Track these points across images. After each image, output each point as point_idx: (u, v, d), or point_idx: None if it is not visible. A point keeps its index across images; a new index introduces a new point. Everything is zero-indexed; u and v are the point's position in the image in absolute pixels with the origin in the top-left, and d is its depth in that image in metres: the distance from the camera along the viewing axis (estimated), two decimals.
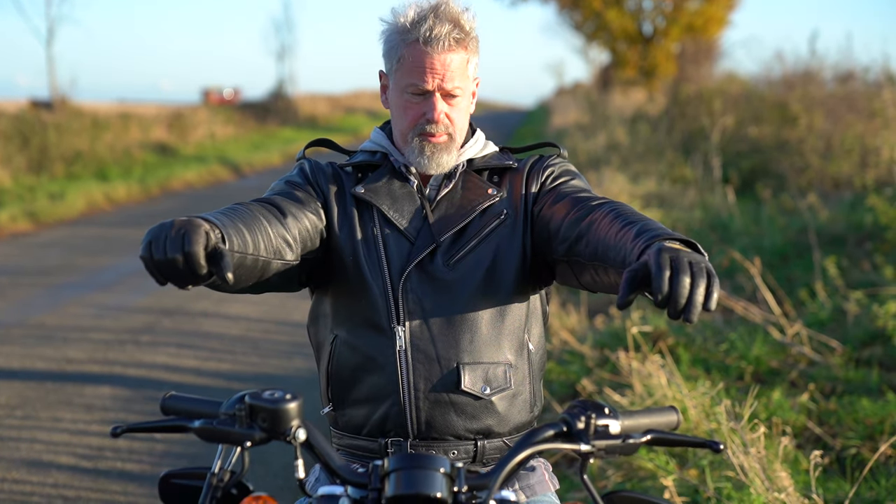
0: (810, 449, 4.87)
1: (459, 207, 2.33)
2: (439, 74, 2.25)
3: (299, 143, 31.40)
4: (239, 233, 2.00)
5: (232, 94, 52.09)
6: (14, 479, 5.07)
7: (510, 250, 2.30)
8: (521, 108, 72.95)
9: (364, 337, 2.27)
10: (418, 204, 2.34)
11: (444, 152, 2.32)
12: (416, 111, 2.29)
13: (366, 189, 2.34)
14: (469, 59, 2.29)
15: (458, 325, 2.26)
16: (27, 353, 7.42)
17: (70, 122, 21.99)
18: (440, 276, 2.27)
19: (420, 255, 2.26)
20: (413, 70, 2.25)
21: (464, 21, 2.27)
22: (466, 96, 2.33)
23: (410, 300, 2.25)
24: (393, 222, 2.30)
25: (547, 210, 2.28)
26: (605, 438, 1.68)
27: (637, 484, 4.58)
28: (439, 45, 2.23)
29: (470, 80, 2.33)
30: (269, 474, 4.95)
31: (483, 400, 2.25)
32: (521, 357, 2.31)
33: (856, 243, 9.48)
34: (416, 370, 2.24)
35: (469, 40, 2.27)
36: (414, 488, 1.62)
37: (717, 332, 6.72)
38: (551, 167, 2.40)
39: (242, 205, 2.15)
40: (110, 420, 5.89)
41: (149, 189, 19.49)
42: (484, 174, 2.40)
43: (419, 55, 2.24)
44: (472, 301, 2.27)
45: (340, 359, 2.30)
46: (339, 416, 2.33)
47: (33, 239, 13.65)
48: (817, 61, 17.31)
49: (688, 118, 19.10)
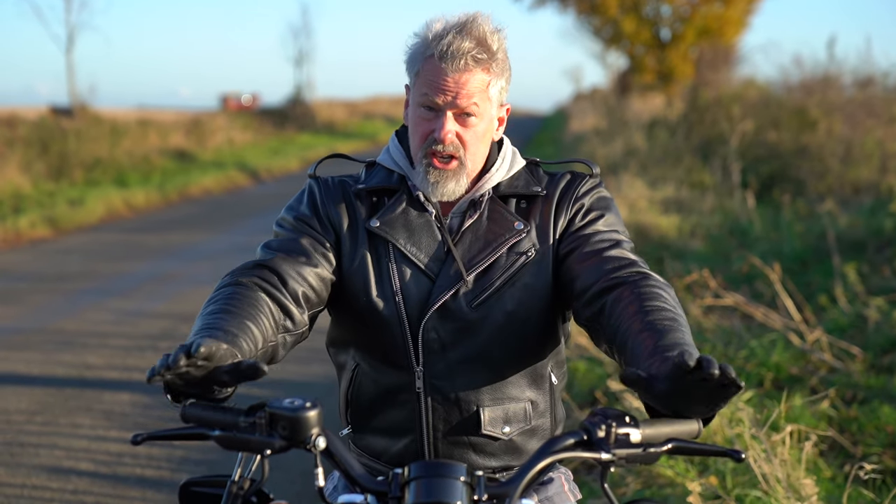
0: (831, 457, 4.84)
1: (485, 242, 2.18)
2: (452, 92, 2.11)
3: (317, 149, 31.50)
4: (247, 335, 1.93)
5: (250, 99, 52.29)
6: (34, 485, 5.09)
7: (536, 290, 2.18)
8: (538, 113, 72.89)
9: (384, 372, 2.21)
10: (438, 237, 2.20)
11: (452, 180, 2.17)
12: (427, 127, 2.16)
13: (381, 222, 2.19)
14: (491, 81, 2.14)
15: (479, 366, 2.18)
16: (47, 359, 7.45)
17: (89, 129, 22.17)
18: (462, 317, 2.16)
19: (442, 296, 2.15)
20: (426, 84, 2.12)
21: (490, 41, 2.12)
22: (485, 120, 2.17)
23: (430, 341, 2.16)
24: (410, 258, 2.18)
25: (575, 265, 2.15)
26: (625, 447, 1.67)
27: (657, 491, 4.56)
28: (455, 63, 2.09)
29: (492, 104, 2.18)
30: (287, 480, 4.95)
31: (503, 439, 2.21)
32: (542, 392, 2.26)
33: (876, 249, 9.42)
34: (434, 411, 2.19)
35: (493, 62, 2.13)
36: (434, 497, 1.61)
37: (737, 339, 6.69)
38: (581, 200, 2.23)
39: (239, 287, 2.05)
40: (129, 426, 5.90)
41: (168, 195, 19.57)
42: (511, 202, 2.24)
43: (434, 70, 2.11)
44: (495, 341, 2.17)
45: (361, 388, 2.25)
46: (357, 438, 2.30)
47: (53, 245, 13.72)
48: (836, 66, 17.28)
49: (706, 123, 19.05)
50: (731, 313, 7.67)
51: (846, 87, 17.18)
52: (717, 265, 9.24)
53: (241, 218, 16.27)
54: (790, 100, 17.39)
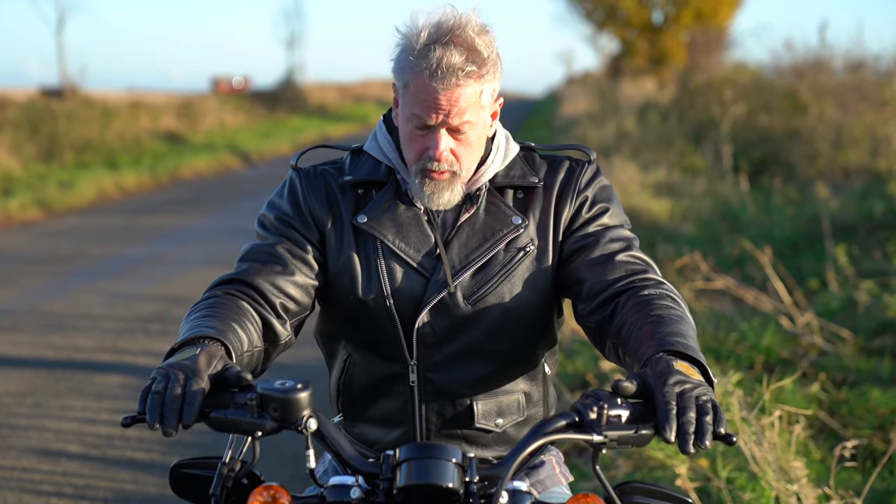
0: (821, 439, 4.85)
1: (482, 238, 2.14)
2: (444, 110, 2.03)
3: (309, 132, 31.43)
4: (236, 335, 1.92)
5: (241, 82, 52.11)
6: (24, 467, 5.08)
7: (535, 285, 2.16)
8: (530, 97, 72.74)
9: (377, 364, 2.19)
10: (428, 232, 2.15)
11: (447, 190, 2.11)
12: (420, 145, 2.09)
13: (368, 218, 2.14)
14: (483, 89, 2.06)
15: (474, 360, 2.16)
16: (37, 341, 7.43)
17: (80, 111, 22.08)
18: (458, 312, 2.13)
19: (436, 296, 2.11)
20: (417, 102, 2.04)
21: (479, 46, 2.03)
22: (479, 128, 2.11)
23: (424, 335, 2.14)
24: (400, 255, 2.13)
25: (583, 267, 2.13)
26: (617, 429, 1.66)
27: (647, 474, 4.57)
28: (446, 82, 2.00)
29: (485, 110, 2.11)
30: (280, 463, 4.95)
31: (496, 432, 2.21)
32: (535, 382, 2.25)
33: (867, 232, 9.44)
34: (428, 403, 2.18)
35: (485, 69, 2.04)
36: (425, 478, 1.61)
37: (727, 322, 6.70)
38: (584, 193, 2.19)
39: (222, 297, 2.02)
40: (120, 409, 5.89)
41: (158, 177, 19.52)
42: (507, 193, 2.19)
43: (424, 88, 2.02)
44: (491, 336, 2.15)
45: (354, 378, 2.23)
46: (349, 426, 2.28)
47: (43, 227, 13.68)
48: (828, 50, 17.26)
49: (698, 107, 19.04)
50: (721, 296, 7.68)
51: (837, 71, 17.16)
52: (709, 249, 9.26)
53: (233, 200, 16.24)
54: (782, 83, 17.37)
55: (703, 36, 29.68)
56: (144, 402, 1.66)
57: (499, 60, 2.10)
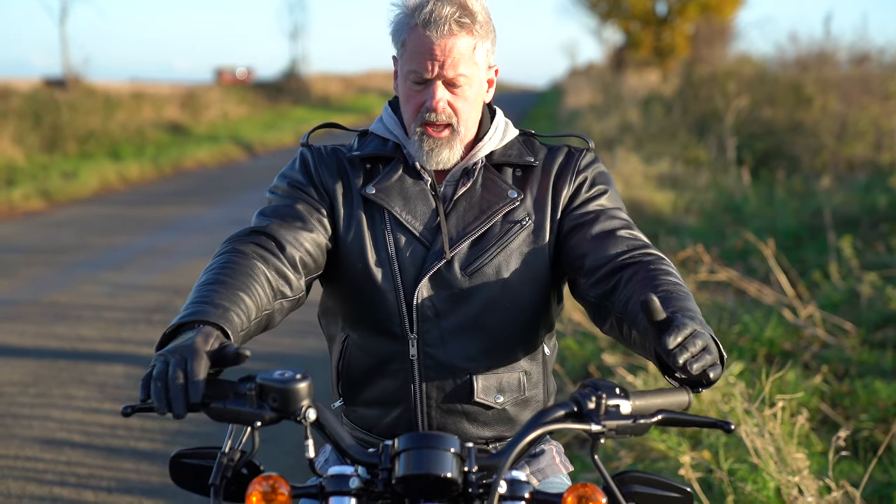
0: (823, 431, 4.86)
1: (479, 210, 2.18)
2: (439, 60, 2.10)
3: (312, 123, 31.37)
4: (239, 307, 1.91)
5: (245, 73, 52.05)
6: (27, 456, 5.09)
7: (531, 259, 2.18)
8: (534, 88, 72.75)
9: (376, 342, 2.20)
10: (433, 205, 2.20)
11: (446, 147, 2.17)
12: (418, 100, 2.15)
13: (377, 189, 2.19)
14: (476, 44, 2.13)
15: (473, 334, 2.17)
16: (40, 331, 7.44)
17: (83, 101, 22.06)
18: (456, 284, 2.16)
19: (435, 264, 2.15)
20: (414, 56, 2.12)
21: (472, 5, 2.12)
22: (475, 85, 2.17)
23: (424, 308, 2.16)
24: (406, 226, 2.18)
25: (585, 242, 2.15)
26: (615, 418, 1.67)
27: (649, 465, 4.58)
28: (440, 29, 2.08)
29: (480, 68, 2.17)
30: (281, 453, 4.96)
31: (496, 409, 2.21)
32: (535, 362, 2.26)
33: (870, 225, 9.43)
34: (428, 378, 2.18)
35: (476, 25, 2.12)
36: (424, 468, 1.62)
37: (730, 314, 6.70)
38: (583, 173, 2.24)
39: (235, 255, 2.03)
40: (123, 399, 5.90)
41: (162, 168, 19.52)
42: (505, 171, 2.24)
43: (420, 39, 2.10)
44: (489, 310, 2.17)
45: (352, 359, 2.24)
46: (349, 411, 2.29)
47: (46, 217, 13.69)
48: (832, 43, 17.31)
49: (701, 100, 19.02)
50: (724, 289, 7.68)
51: (842, 64, 17.17)
52: (712, 241, 9.25)
53: (236, 191, 16.24)
54: (786, 76, 17.36)
55: (707, 28, 29.65)
56: (147, 390, 1.67)
57: (491, 25, 2.18)
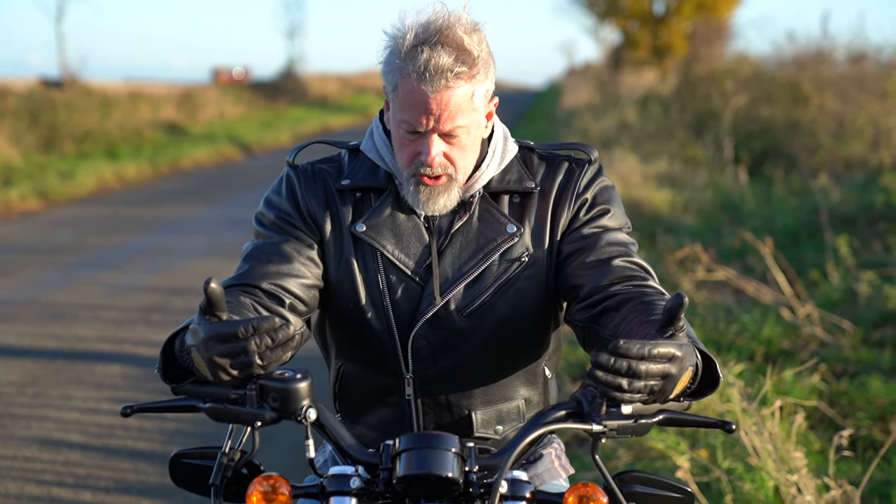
0: (822, 430, 4.86)
1: (475, 247, 2.08)
2: (435, 115, 1.96)
3: (309, 123, 31.37)
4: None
5: (242, 73, 52.00)
6: (25, 456, 5.09)
7: (530, 294, 2.10)
8: (531, 88, 72.65)
9: (372, 375, 2.15)
10: (426, 241, 2.09)
11: (443, 194, 2.04)
12: (412, 150, 2.02)
13: (367, 227, 2.08)
14: (475, 90, 1.98)
15: (471, 372, 2.11)
16: (38, 331, 7.43)
17: (79, 101, 22.03)
18: (453, 325, 2.07)
19: (431, 308, 2.06)
20: (406, 107, 1.97)
21: (469, 45, 1.95)
22: (473, 130, 2.03)
23: (420, 349, 2.09)
24: (398, 266, 2.07)
25: (580, 270, 2.06)
26: (616, 419, 1.66)
27: (648, 464, 4.58)
28: (435, 84, 1.93)
29: (479, 112, 2.03)
30: (281, 453, 4.96)
31: (496, 438, 2.17)
32: (535, 388, 2.20)
33: (867, 224, 9.43)
34: (426, 415, 2.14)
35: (476, 70, 1.96)
36: (425, 468, 1.62)
37: (728, 313, 6.70)
38: (583, 195, 2.12)
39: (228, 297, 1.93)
40: (121, 399, 5.90)
41: (159, 168, 19.49)
42: (503, 199, 2.12)
43: (414, 93, 1.95)
44: (487, 348, 2.10)
45: (348, 387, 2.20)
46: (348, 427, 2.22)
47: (43, 217, 13.67)
48: (829, 41, 17.26)
49: (699, 98, 19.01)
50: (722, 288, 7.68)
51: (839, 63, 17.15)
52: (709, 240, 9.25)
53: (233, 191, 16.22)
54: (783, 75, 17.34)
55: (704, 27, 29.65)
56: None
57: (491, 59, 2.02)
